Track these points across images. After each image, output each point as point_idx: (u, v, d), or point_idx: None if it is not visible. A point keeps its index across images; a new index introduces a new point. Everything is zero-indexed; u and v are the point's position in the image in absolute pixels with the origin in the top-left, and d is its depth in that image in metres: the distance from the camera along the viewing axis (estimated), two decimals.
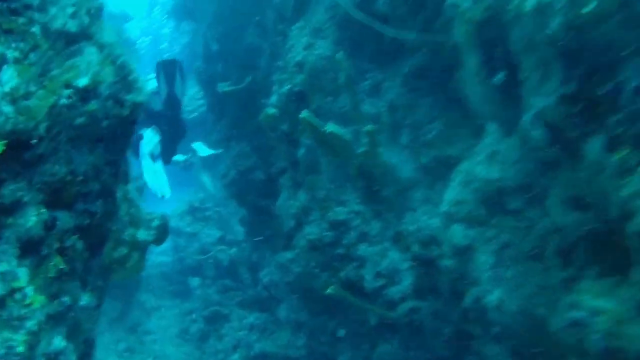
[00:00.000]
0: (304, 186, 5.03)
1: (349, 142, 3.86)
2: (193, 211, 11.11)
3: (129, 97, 2.64)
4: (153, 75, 6.20)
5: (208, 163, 7.90)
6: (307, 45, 4.62)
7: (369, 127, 3.60)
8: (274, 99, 5.05)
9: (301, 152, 4.70)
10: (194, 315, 9.63)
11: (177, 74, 5.35)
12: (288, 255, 5.67)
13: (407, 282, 4.53)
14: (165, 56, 8.02)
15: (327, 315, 5.74)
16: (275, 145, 5.57)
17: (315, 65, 4.48)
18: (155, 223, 3.51)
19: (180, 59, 5.91)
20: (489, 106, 2.85)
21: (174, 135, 5.86)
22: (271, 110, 4.77)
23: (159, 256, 12.02)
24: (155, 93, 5.69)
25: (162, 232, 3.57)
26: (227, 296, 9.43)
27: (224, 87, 6.20)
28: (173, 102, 5.52)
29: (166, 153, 5.78)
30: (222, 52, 6.55)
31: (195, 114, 12.43)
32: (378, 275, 4.71)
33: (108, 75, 2.56)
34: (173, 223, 10.97)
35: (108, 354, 7.87)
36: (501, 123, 3.03)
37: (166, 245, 12.18)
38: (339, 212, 4.82)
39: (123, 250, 3.29)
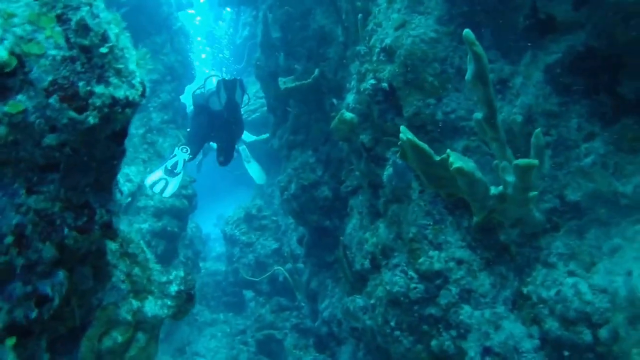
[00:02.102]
0: (386, 218, 3.69)
1: (481, 181, 2.42)
2: (249, 219, 10.52)
3: (99, 90, 1.42)
4: (211, 73, 6.14)
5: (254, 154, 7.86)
6: (400, 23, 3.25)
7: (525, 161, 2.11)
8: (350, 98, 3.73)
9: (387, 172, 3.35)
10: (246, 335, 9.14)
11: (238, 86, 5.47)
12: (359, 301, 4.41)
13: None
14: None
15: None
16: (349, 159, 4.26)
17: (412, 51, 3.11)
18: (174, 288, 2.30)
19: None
20: None
21: (232, 135, 5.81)
22: (348, 115, 3.44)
23: (215, 263, 11.66)
24: (214, 93, 5.55)
25: (185, 301, 2.35)
26: (282, 317, 8.80)
27: (286, 82, 4.97)
28: (232, 105, 5.52)
29: (226, 153, 5.81)
30: (284, 40, 5.33)
31: (257, 114, 11.71)
32: (487, 352, 3.33)
33: (52, 43, 1.35)
34: (228, 230, 10.39)
35: None
36: None
37: (222, 249, 11.54)
38: (434, 259, 3.45)
39: (119, 336, 2.11)
